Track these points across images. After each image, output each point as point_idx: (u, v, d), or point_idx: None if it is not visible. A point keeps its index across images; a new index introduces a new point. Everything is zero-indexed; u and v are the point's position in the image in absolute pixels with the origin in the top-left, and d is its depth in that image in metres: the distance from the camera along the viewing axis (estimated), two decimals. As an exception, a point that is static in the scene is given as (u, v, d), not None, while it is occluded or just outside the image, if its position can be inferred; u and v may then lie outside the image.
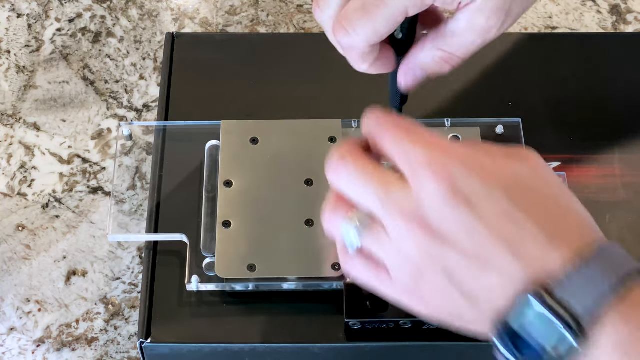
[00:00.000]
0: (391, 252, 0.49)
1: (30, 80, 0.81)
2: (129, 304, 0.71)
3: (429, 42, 0.53)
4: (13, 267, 0.72)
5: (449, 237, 0.47)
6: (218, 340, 0.60)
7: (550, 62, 0.72)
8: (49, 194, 0.75)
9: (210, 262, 0.61)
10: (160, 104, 0.70)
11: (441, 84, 0.57)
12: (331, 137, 0.65)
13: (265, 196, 0.63)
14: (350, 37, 0.51)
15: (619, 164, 0.67)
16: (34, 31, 0.83)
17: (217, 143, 0.65)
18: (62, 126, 0.79)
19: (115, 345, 0.69)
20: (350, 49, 0.52)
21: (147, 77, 0.81)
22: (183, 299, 0.61)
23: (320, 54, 0.72)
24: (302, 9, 0.85)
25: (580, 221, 0.48)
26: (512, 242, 0.46)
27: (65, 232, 0.73)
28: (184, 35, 0.74)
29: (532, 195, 0.47)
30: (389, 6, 0.50)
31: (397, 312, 0.58)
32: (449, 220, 0.47)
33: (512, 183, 0.47)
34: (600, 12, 0.85)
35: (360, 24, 0.50)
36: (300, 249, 0.61)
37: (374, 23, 0.50)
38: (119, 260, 0.72)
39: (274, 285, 0.60)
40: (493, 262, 0.46)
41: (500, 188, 0.47)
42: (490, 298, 0.47)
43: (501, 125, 0.66)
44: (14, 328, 0.70)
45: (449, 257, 0.47)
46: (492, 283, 0.46)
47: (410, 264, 0.48)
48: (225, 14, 0.85)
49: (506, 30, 0.53)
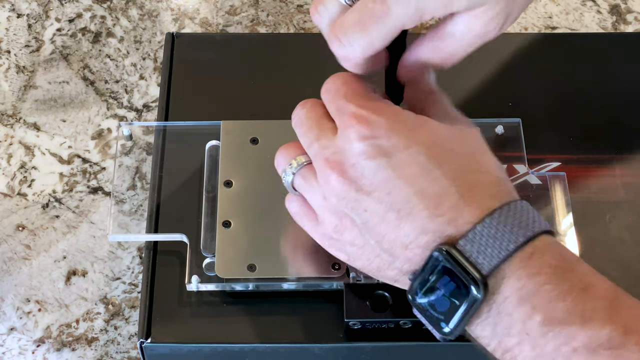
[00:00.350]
0: (316, 196, 0.53)
1: (30, 80, 0.81)
2: (129, 304, 0.71)
3: (426, 41, 0.53)
4: (13, 267, 0.72)
5: (365, 186, 0.50)
6: (218, 340, 0.60)
7: (550, 62, 0.72)
8: (49, 194, 0.75)
9: (210, 262, 0.61)
10: (160, 104, 0.70)
11: (441, 84, 0.57)
12: (331, 137, 0.65)
13: (265, 196, 0.63)
14: (345, 49, 0.52)
15: (619, 164, 0.67)
16: (34, 31, 0.83)
17: (217, 143, 0.65)
18: (62, 126, 0.79)
19: (115, 345, 0.69)
20: (345, 60, 0.53)
21: (147, 77, 0.81)
22: (183, 299, 0.61)
23: (320, 54, 0.71)
24: (302, 9, 0.85)
25: (497, 182, 0.50)
26: (426, 196, 0.49)
27: (65, 232, 0.73)
28: (184, 35, 0.74)
29: (451, 156, 0.50)
30: (386, 22, 0.50)
31: (397, 312, 0.58)
32: (366, 169, 0.50)
33: (433, 141, 0.50)
34: (600, 12, 0.85)
35: (355, 37, 0.51)
36: (300, 249, 0.61)
37: (370, 37, 0.51)
38: (119, 260, 0.72)
39: (274, 285, 0.60)
40: (407, 215, 0.49)
41: (420, 144, 0.50)
42: (404, 252, 0.49)
43: (501, 125, 0.66)
44: (14, 328, 0.70)
45: (365, 206, 0.50)
46: (405, 235, 0.49)
47: (329, 209, 0.52)
48: (225, 14, 0.85)
49: (505, 30, 0.53)
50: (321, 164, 0.52)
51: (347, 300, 0.58)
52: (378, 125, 0.50)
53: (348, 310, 0.58)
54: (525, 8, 0.54)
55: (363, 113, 0.50)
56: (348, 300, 0.58)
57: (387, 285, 0.59)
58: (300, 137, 0.54)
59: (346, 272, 0.60)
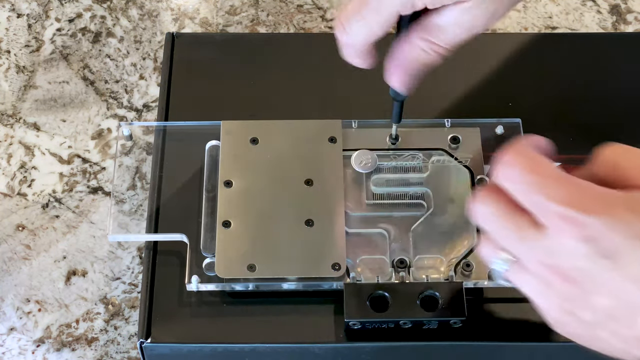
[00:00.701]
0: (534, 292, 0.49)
1: (30, 80, 0.81)
2: (129, 304, 0.71)
3: (414, 33, 0.54)
4: (13, 267, 0.72)
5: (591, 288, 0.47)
6: (218, 340, 0.60)
7: (550, 62, 0.72)
8: (49, 194, 0.75)
9: (210, 262, 0.61)
10: (160, 104, 0.69)
11: (441, 84, 0.57)
12: (331, 137, 0.65)
13: (265, 196, 0.63)
14: (348, 37, 0.54)
15: (619, 164, 0.67)
16: (34, 31, 0.83)
17: (217, 143, 0.65)
18: (62, 126, 0.79)
19: (115, 345, 0.69)
20: (347, 46, 0.55)
21: (147, 77, 0.81)
22: (183, 299, 0.61)
23: (320, 54, 0.72)
24: (302, 9, 0.85)
25: None
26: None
27: (65, 232, 0.73)
28: (184, 35, 0.74)
29: None
30: (380, 12, 0.52)
31: (397, 312, 0.58)
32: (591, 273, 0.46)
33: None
34: (600, 12, 0.85)
35: (357, 25, 0.53)
36: (300, 249, 0.61)
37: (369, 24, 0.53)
38: (119, 260, 0.72)
39: (274, 285, 0.60)
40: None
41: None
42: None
43: (501, 126, 0.66)
44: (14, 328, 0.70)
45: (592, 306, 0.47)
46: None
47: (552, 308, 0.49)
48: (225, 14, 0.85)
49: (493, 25, 0.54)
50: (535, 266, 0.48)
51: (347, 300, 0.59)
52: (592, 226, 0.45)
53: (348, 310, 0.58)
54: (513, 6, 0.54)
55: (572, 214, 0.46)
56: (348, 300, 0.59)
57: (387, 285, 0.59)
58: (495, 235, 0.50)
59: (346, 272, 0.60)
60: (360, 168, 0.64)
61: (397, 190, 0.63)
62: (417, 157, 0.65)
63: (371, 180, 0.64)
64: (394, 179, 0.64)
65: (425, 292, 0.59)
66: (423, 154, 0.65)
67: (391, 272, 0.60)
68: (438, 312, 0.58)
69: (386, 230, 0.62)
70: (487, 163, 0.64)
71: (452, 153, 0.65)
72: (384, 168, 0.64)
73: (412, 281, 0.60)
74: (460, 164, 0.64)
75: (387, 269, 0.61)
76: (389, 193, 0.64)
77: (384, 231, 0.62)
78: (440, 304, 0.58)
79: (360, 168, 0.64)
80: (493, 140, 0.66)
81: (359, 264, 0.61)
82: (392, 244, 0.62)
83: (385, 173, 0.64)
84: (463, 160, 0.65)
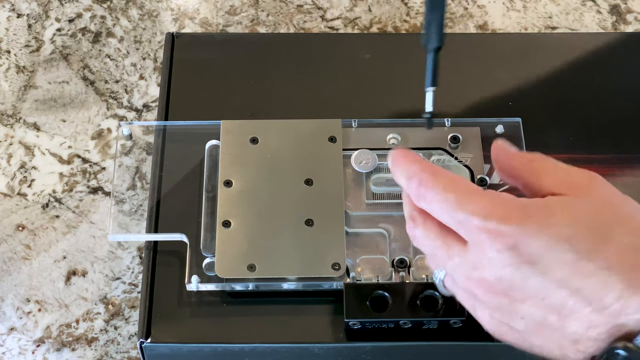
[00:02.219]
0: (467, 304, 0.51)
1: (30, 80, 0.81)
2: (129, 304, 0.71)
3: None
4: (13, 267, 0.72)
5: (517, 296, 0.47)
6: (218, 340, 0.60)
7: (550, 62, 0.72)
8: (49, 194, 0.75)
9: (210, 262, 0.61)
10: (160, 104, 0.69)
11: (441, 83, 0.57)
12: (331, 137, 0.65)
13: (265, 196, 0.63)
14: None
15: (619, 163, 0.67)
16: (34, 31, 0.83)
17: (217, 143, 0.65)
18: (62, 126, 0.79)
19: (115, 345, 0.69)
20: None
21: (147, 77, 0.81)
22: (183, 299, 0.61)
23: (320, 54, 0.72)
24: (302, 9, 0.85)
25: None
26: (584, 294, 0.45)
27: (65, 232, 0.73)
28: (184, 35, 0.74)
29: (599, 238, 0.46)
30: None
31: (397, 312, 0.58)
32: (513, 280, 0.47)
33: (572, 232, 0.46)
34: (600, 12, 0.85)
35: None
36: (300, 249, 0.61)
37: None
38: (119, 260, 0.72)
39: (274, 285, 0.60)
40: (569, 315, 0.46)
41: (563, 241, 0.46)
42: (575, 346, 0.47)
43: (501, 125, 0.66)
44: (14, 328, 0.70)
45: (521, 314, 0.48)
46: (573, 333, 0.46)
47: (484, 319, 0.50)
48: (225, 14, 0.85)
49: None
50: (463, 281, 0.49)
51: (347, 300, 0.58)
52: (511, 234, 0.46)
53: (348, 310, 0.58)
54: None
55: (491, 225, 0.46)
56: (348, 300, 0.58)
57: (387, 285, 0.59)
58: (429, 255, 0.52)
59: (346, 272, 0.60)
60: (360, 168, 0.64)
61: (397, 189, 0.63)
62: (417, 157, 0.65)
63: (371, 180, 0.64)
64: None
65: (425, 292, 0.59)
66: (423, 153, 0.65)
67: (391, 272, 0.60)
68: (438, 312, 0.58)
69: (386, 230, 0.62)
70: (487, 162, 0.64)
71: (452, 152, 0.65)
72: (384, 168, 0.64)
73: (412, 281, 0.60)
74: (460, 164, 0.64)
75: (387, 269, 0.61)
76: (389, 193, 0.63)
77: (384, 231, 0.62)
78: (440, 304, 0.58)
79: (360, 168, 0.64)
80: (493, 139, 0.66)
81: (359, 264, 0.61)
82: (392, 244, 0.62)
83: (385, 172, 0.64)
84: (463, 160, 0.65)
